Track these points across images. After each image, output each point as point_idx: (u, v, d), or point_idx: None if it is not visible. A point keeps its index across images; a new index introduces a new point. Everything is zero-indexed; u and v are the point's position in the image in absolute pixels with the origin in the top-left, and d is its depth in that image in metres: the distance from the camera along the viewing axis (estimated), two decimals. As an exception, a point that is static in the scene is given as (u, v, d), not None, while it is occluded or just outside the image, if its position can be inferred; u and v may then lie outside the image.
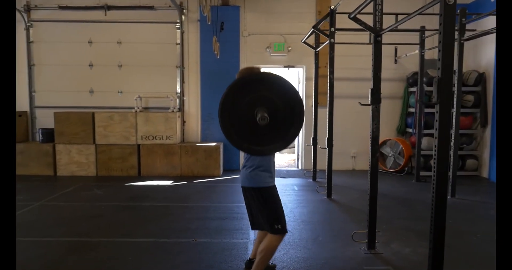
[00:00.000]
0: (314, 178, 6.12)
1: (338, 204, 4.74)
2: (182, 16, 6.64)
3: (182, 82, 6.82)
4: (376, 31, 2.94)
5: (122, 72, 6.79)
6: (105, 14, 6.60)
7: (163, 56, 6.74)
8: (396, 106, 6.92)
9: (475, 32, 4.85)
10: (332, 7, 4.64)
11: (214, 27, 6.23)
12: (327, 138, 4.92)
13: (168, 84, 6.81)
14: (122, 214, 4.28)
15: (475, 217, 4.20)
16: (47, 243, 3.36)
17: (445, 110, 1.98)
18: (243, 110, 1.82)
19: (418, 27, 5.77)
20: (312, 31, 5.28)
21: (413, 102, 6.55)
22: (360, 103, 3.14)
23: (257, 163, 2.34)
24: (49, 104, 6.76)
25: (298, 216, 4.19)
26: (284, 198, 4.96)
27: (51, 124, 6.37)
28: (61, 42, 6.70)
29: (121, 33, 6.70)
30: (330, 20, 4.65)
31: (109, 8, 6.59)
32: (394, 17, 4.97)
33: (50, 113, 6.39)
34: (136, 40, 6.71)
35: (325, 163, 4.99)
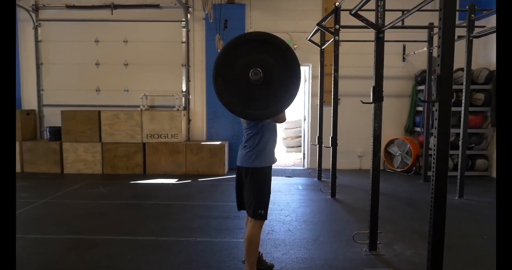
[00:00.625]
0: (319, 178, 6.06)
1: (342, 204, 4.67)
2: (188, 15, 6.63)
3: (188, 81, 6.82)
4: (378, 28, 2.87)
5: (128, 71, 6.82)
6: (112, 13, 6.63)
7: (169, 55, 6.75)
8: (404, 105, 6.80)
9: (485, 29, 4.72)
10: (337, 4, 4.56)
11: (219, 25, 6.21)
12: (331, 137, 4.85)
13: (174, 83, 6.82)
14: (125, 212, 4.29)
15: (483, 218, 4.09)
16: (49, 241, 3.38)
17: (445, 108, 1.91)
18: (237, 73, 1.77)
19: (427, 24, 5.65)
20: (317, 29, 5.21)
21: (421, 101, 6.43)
22: (362, 101, 3.07)
23: (256, 144, 2.32)
24: (57, 103, 6.83)
25: (301, 216, 4.14)
26: (288, 198, 4.92)
27: (59, 123, 6.44)
28: (68, 41, 6.76)
29: (127, 32, 6.73)
30: (335, 17, 4.58)
31: (116, 7, 6.62)
32: (401, 14, 4.85)
33: (58, 112, 6.46)
34: (142, 39, 6.73)
35: (327, 162, 4.94)
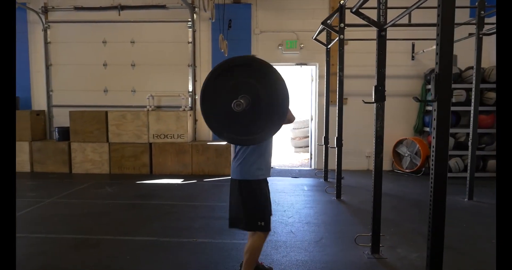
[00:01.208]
0: (326, 178, 5.99)
1: (347, 206, 4.60)
2: (194, 15, 6.63)
3: (194, 81, 6.83)
4: (380, 26, 2.80)
5: (135, 71, 6.87)
6: (119, 14, 6.68)
7: (175, 55, 6.76)
8: (413, 104, 6.66)
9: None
10: (342, 2, 4.49)
11: (225, 25, 6.20)
12: (337, 138, 4.78)
13: (180, 83, 6.83)
14: (128, 212, 4.31)
15: (492, 221, 3.94)
16: (52, 240, 3.42)
17: (444, 108, 1.84)
18: (224, 98, 1.73)
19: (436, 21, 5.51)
20: (323, 28, 5.14)
21: (431, 100, 6.29)
22: (364, 101, 3.00)
23: (247, 156, 2.28)
24: (66, 103, 6.93)
25: (304, 217, 4.09)
26: (292, 199, 4.87)
27: (68, 123, 6.52)
28: (77, 42, 6.85)
29: (134, 33, 6.78)
30: (340, 16, 4.51)
31: (123, 8, 6.67)
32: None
33: (67, 112, 6.54)
34: (149, 40, 6.77)
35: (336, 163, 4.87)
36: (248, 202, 2.31)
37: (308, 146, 8.33)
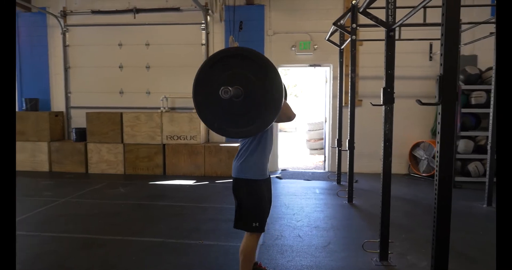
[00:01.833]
0: (339, 182, 5.89)
1: (359, 210, 4.50)
2: (207, 17, 6.66)
3: (207, 83, 6.84)
4: (388, 26, 2.72)
5: (150, 73, 6.96)
6: (134, 17, 6.80)
7: (189, 57, 6.81)
8: (431, 106, 6.46)
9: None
10: (354, 2, 4.40)
11: (237, 27, 6.20)
12: (348, 140, 4.69)
13: (194, 85, 6.86)
14: (138, 213, 4.36)
15: (511, 229, 3.78)
16: (62, 239, 3.49)
17: (449, 112, 1.76)
18: (217, 89, 1.69)
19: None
20: (336, 28, 5.06)
21: (449, 102, 6.09)
22: (372, 104, 2.92)
23: (248, 155, 2.26)
24: (83, 105, 7.09)
25: (313, 221, 4.02)
26: (303, 202, 4.80)
27: (85, 124, 6.67)
28: (94, 45, 7.00)
29: (149, 35, 6.87)
30: (352, 16, 4.42)
31: (138, 11, 6.77)
32: (423, 11, 4.62)
33: (84, 113, 6.70)
34: (163, 42, 6.85)
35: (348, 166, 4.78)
36: (245, 202, 2.28)
37: (322, 148, 8.23)
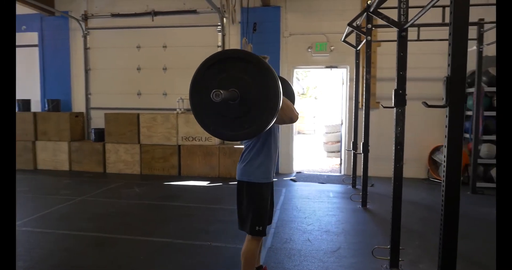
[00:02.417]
0: (354, 185, 5.77)
1: (372, 215, 4.39)
2: (224, 19, 6.69)
3: (223, 84, 6.87)
4: (400, 26, 2.64)
5: (167, 75, 7.05)
6: (152, 20, 6.91)
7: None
8: (452, 109, 6.25)
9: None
10: (369, 2, 4.31)
11: (252, 28, 6.21)
12: (363, 143, 4.59)
13: (209, 86, 6.91)
14: (150, 213, 4.41)
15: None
16: (75, 237, 3.57)
17: (456, 114, 1.68)
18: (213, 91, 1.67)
19: (476, 20, 5.15)
20: (352, 29, 4.97)
21: (471, 105, 5.87)
22: (383, 106, 2.84)
23: (251, 158, 2.25)
24: (102, 106, 7.26)
25: (324, 225, 3.95)
26: (315, 205, 4.74)
27: (103, 124, 6.83)
28: (113, 48, 7.16)
29: (167, 38, 6.97)
30: (367, 17, 4.33)
31: (156, 14, 6.88)
32: (441, 10, 4.47)
33: (103, 114, 6.85)
34: (180, 44, 6.92)
35: (370, 169, 4.70)
36: (248, 205, 2.26)
37: (339, 151, 8.10)
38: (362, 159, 4.65)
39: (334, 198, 5.14)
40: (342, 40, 5.46)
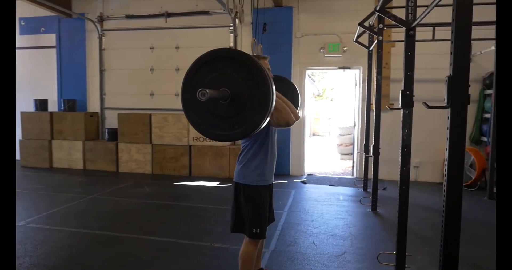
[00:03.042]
0: (365, 188, 5.65)
1: (382, 219, 4.28)
2: (236, 20, 6.69)
3: (235, 85, 6.87)
4: (408, 25, 2.56)
5: (179, 76, 7.09)
6: (166, 21, 6.97)
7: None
8: (469, 111, 6.03)
9: None
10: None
11: (263, 29, 6.18)
12: (373, 145, 4.49)
13: (221, 87, 6.91)
14: (157, 212, 4.43)
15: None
16: (82, 234, 3.61)
17: (459, 116, 1.60)
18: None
19: (495, 19, 4.95)
20: (364, 30, 4.88)
21: (489, 107, 5.66)
22: (390, 107, 2.76)
23: (248, 160, 2.21)
24: (116, 106, 7.37)
25: (331, 229, 3.87)
26: (323, 208, 4.66)
27: (117, 124, 6.92)
28: (127, 49, 7.27)
29: (179, 39, 7.02)
30: (378, 16, 4.23)
31: (169, 15, 6.95)
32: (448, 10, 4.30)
33: (117, 114, 6.95)
34: (192, 45, 6.96)
35: (383, 172, 4.59)
36: (244, 207, 2.23)
37: (351, 154, 7.96)
38: (373, 162, 4.54)
39: (344, 201, 5.04)
40: (354, 41, 5.36)
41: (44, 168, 7.12)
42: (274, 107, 2.05)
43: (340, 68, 6.59)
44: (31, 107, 7.33)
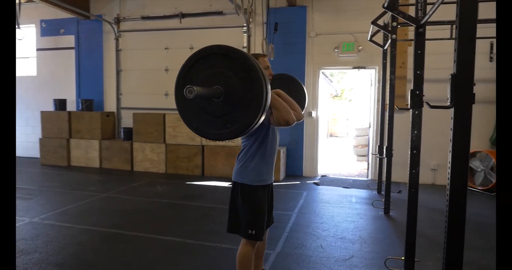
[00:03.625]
0: (379, 191, 5.52)
1: (394, 222, 4.16)
2: (249, 20, 6.67)
3: (248, 85, 6.85)
4: (418, 22, 2.46)
5: (193, 76, 7.13)
6: (180, 22, 7.03)
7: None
8: (490, 112, 5.82)
9: None
10: (395, -1, 4.09)
11: (274, 29, 6.15)
12: (386, 147, 4.37)
13: (234, 87, 6.91)
14: (167, 212, 4.45)
15: None
16: (92, 232, 3.67)
17: (463, 117, 1.52)
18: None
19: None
20: (378, 29, 4.76)
21: (512, 108, 5.43)
22: (397, 108, 2.67)
23: (246, 159, 2.18)
24: (132, 106, 7.49)
25: (340, 232, 3.79)
26: (334, 210, 4.57)
27: (132, 124, 7.03)
28: (143, 50, 7.37)
29: (193, 39, 7.05)
30: (392, 14, 4.11)
31: (184, 16, 7.00)
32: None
33: (132, 114, 7.06)
34: (206, 45, 6.96)
35: (400, 174, 4.46)
36: (240, 207, 2.19)
37: (366, 155, 7.80)
38: (386, 164, 4.43)
39: (356, 204, 4.93)
40: (368, 40, 5.24)
41: (63, 166, 7.31)
42: (274, 106, 2.01)
43: (355, 68, 6.46)
44: (51, 107, 7.54)
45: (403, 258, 2.71)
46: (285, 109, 2.01)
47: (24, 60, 8.44)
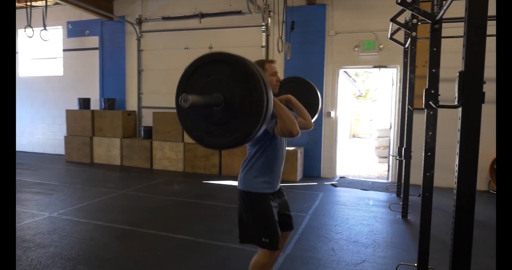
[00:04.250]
0: (399, 194, 5.34)
1: (411, 227, 4.01)
2: (268, 19, 6.64)
3: (266, 85, 6.81)
4: (433, 17, 2.35)
5: (212, 76, 7.17)
6: (200, 22, 7.09)
7: (249, 59, 6.85)
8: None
9: None
10: (415, -5, 3.94)
11: (296, 28, 6.07)
12: (404, 149, 4.22)
13: (252, 87, 6.89)
14: (181, 210, 4.49)
15: None
16: (106, 228, 3.75)
17: (472, 117, 1.42)
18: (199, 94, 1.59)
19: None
20: (399, 26, 4.61)
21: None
22: (410, 108, 2.56)
23: (250, 167, 2.11)
24: (152, 105, 7.62)
25: (353, 235, 3.69)
26: (350, 213, 4.46)
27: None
28: (163, 50, 7.48)
29: (213, 39, 7.09)
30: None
31: (203, 16, 7.05)
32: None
33: (152, 113, 7.19)
34: (225, 44, 7.00)
35: (419, 178, 4.29)
36: (247, 215, 2.12)
37: (386, 157, 7.59)
38: (404, 166, 4.28)
39: (373, 207, 4.79)
40: (389, 38, 5.09)
41: (86, 163, 7.53)
42: (278, 115, 1.92)
43: (376, 67, 6.30)
44: (76, 106, 7.79)
45: (416, 265, 2.60)
46: (290, 120, 1.91)
47: (52, 61, 8.77)
